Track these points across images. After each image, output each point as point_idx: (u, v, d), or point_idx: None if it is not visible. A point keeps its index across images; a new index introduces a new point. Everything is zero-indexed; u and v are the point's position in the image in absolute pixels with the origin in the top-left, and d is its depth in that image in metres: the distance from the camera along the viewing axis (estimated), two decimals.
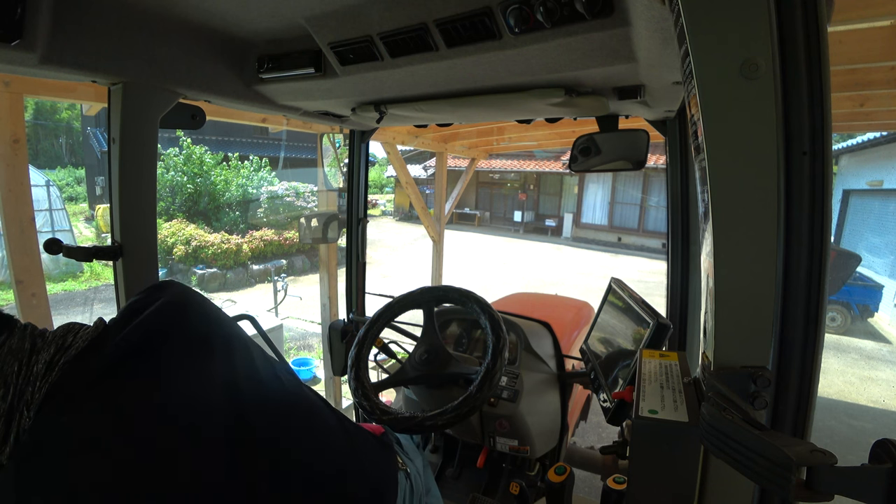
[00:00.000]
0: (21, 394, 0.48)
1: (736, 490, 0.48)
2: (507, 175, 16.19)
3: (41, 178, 8.64)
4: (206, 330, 0.61)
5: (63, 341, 0.53)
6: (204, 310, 0.63)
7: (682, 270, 1.30)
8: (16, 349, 0.51)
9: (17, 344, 0.51)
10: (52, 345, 0.52)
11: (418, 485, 0.94)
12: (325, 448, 0.68)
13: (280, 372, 0.67)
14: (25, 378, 0.49)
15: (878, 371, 5.12)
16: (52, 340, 0.52)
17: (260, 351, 0.67)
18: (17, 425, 0.47)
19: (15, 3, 0.67)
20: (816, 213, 0.42)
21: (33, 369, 0.50)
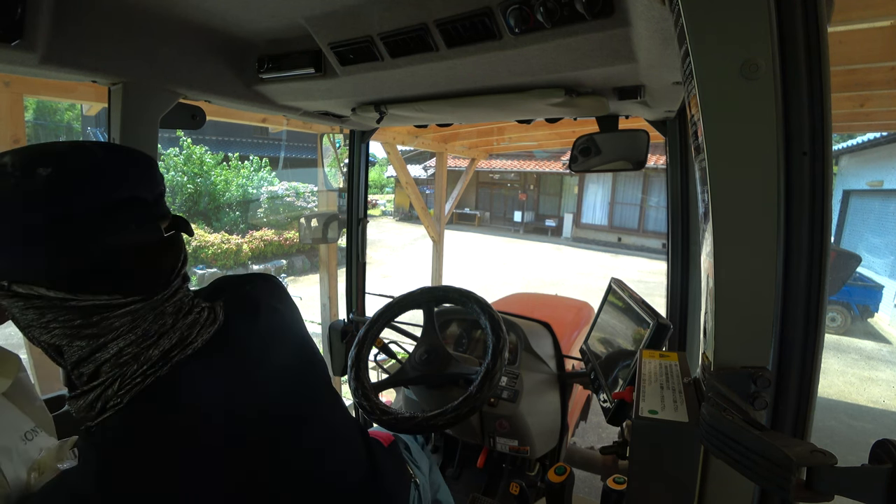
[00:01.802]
0: (123, 370, 0.47)
1: (736, 490, 0.48)
2: (507, 175, 16.19)
3: None
4: (302, 333, 0.68)
5: (188, 334, 0.52)
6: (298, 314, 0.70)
7: (682, 270, 1.30)
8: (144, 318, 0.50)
9: (150, 314, 0.50)
10: (175, 333, 0.51)
11: (426, 494, 0.94)
12: (349, 461, 0.68)
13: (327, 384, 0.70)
14: (136, 357, 0.48)
15: (878, 371, 5.12)
16: (178, 328, 0.52)
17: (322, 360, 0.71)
18: (111, 396, 0.47)
19: (15, 3, 0.67)
20: (816, 213, 0.42)
21: (150, 352, 0.49)
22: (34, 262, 0.44)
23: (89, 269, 0.46)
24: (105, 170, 0.47)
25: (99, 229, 0.45)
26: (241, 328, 0.58)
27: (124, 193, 0.48)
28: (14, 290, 0.45)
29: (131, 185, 0.49)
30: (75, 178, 0.45)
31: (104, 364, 0.48)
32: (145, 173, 0.51)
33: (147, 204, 0.50)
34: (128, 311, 0.48)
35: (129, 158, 0.50)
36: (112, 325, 0.47)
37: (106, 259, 0.46)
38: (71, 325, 0.46)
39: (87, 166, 0.46)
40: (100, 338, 0.47)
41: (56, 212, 0.43)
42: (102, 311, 0.46)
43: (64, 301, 0.45)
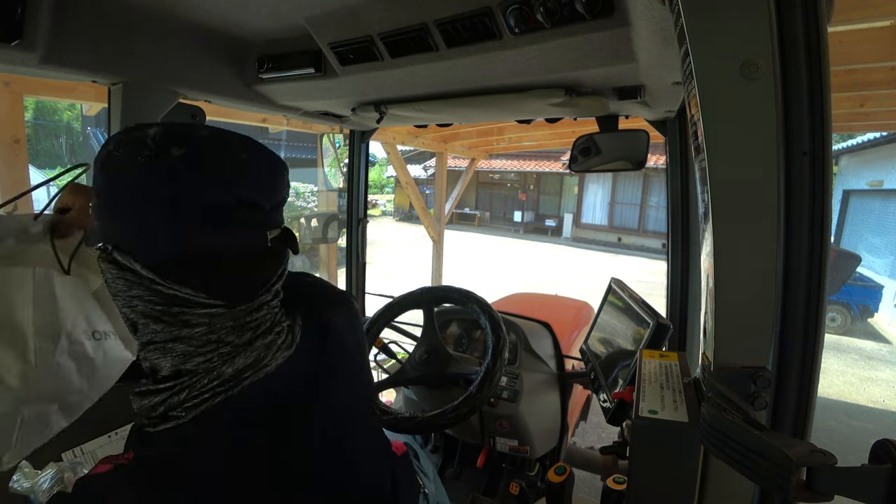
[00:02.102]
0: (193, 381, 0.46)
1: (736, 490, 0.48)
2: (507, 175, 16.19)
3: (41, 178, 8.64)
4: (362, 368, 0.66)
5: (264, 355, 0.49)
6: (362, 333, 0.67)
7: (682, 270, 1.30)
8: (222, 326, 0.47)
9: (229, 322, 0.47)
10: (252, 353, 0.48)
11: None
12: (377, 487, 0.67)
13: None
14: (208, 370, 0.46)
15: (878, 371, 5.12)
16: (256, 347, 0.49)
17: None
18: (175, 405, 0.45)
19: (15, 3, 0.68)
20: (816, 213, 0.42)
21: (223, 368, 0.47)
22: (139, 236, 0.44)
23: (184, 259, 0.45)
24: (234, 166, 0.46)
25: (208, 222, 0.44)
26: (308, 360, 0.55)
27: (244, 194, 0.46)
28: (113, 257, 0.45)
29: (253, 187, 0.47)
30: (204, 166, 0.44)
31: (174, 358, 0.46)
32: (271, 179, 0.49)
33: (262, 210, 0.48)
34: (207, 312, 0.46)
35: (261, 160, 0.49)
36: (189, 321, 0.46)
37: (204, 254, 0.45)
38: (152, 308, 0.45)
39: (218, 158, 0.45)
40: (174, 328, 0.46)
41: (175, 194, 0.43)
42: (183, 305, 0.45)
43: (152, 282, 0.44)
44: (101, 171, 0.45)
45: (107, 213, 0.46)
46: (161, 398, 0.45)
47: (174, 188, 0.43)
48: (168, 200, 0.43)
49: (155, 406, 0.46)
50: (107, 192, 0.45)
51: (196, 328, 0.46)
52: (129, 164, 0.43)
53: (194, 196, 0.44)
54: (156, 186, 0.43)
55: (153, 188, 0.43)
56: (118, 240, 0.45)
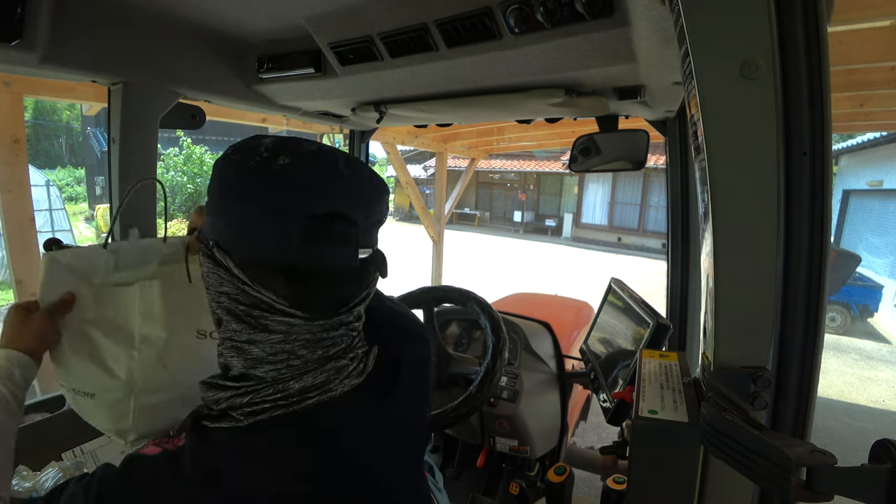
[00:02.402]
0: (258, 387, 0.46)
1: (736, 490, 0.48)
2: (507, 175, 16.19)
3: (41, 178, 8.63)
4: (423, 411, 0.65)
5: (333, 378, 0.49)
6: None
7: (682, 270, 1.30)
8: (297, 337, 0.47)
9: (304, 336, 0.48)
10: (322, 374, 0.48)
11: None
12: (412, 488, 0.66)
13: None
14: (275, 380, 0.47)
15: (878, 371, 5.12)
16: (327, 369, 0.49)
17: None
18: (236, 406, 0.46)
19: (15, 3, 0.68)
20: (816, 213, 0.42)
21: (289, 383, 0.47)
22: (237, 235, 0.46)
23: (274, 264, 0.46)
24: (334, 180, 0.47)
25: (302, 231, 0.45)
26: (374, 398, 0.54)
27: (340, 208, 0.47)
28: (212, 252, 0.47)
29: (351, 203, 0.48)
30: (306, 175, 0.46)
31: (246, 360, 0.47)
32: (370, 198, 0.50)
33: (356, 228, 0.48)
34: (286, 321, 0.46)
35: (362, 178, 0.50)
36: (267, 326, 0.46)
37: (293, 262, 0.46)
38: (236, 307, 0.47)
39: (321, 170, 0.47)
40: (252, 331, 0.47)
41: (275, 199, 0.45)
42: (265, 309, 0.46)
43: (241, 282, 0.46)
44: (216, 172, 0.48)
45: (215, 210, 0.48)
46: (225, 395, 0.47)
47: (275, 193, 0.45)
48: (268, 205, 0.45)
49: (218, 401, 0.47)
50: (218, 192, 0.48)
51: (273, 335, 0.47)
52: (241, 167, 0.46)
53: (292, 203, 0.45)
54: (259, 190, 0.45)
55: (256, 191, 0.45)
56: (220, 237, 0.47)
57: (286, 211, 0.45)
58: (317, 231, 0.45)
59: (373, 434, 0.53)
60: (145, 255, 0.75)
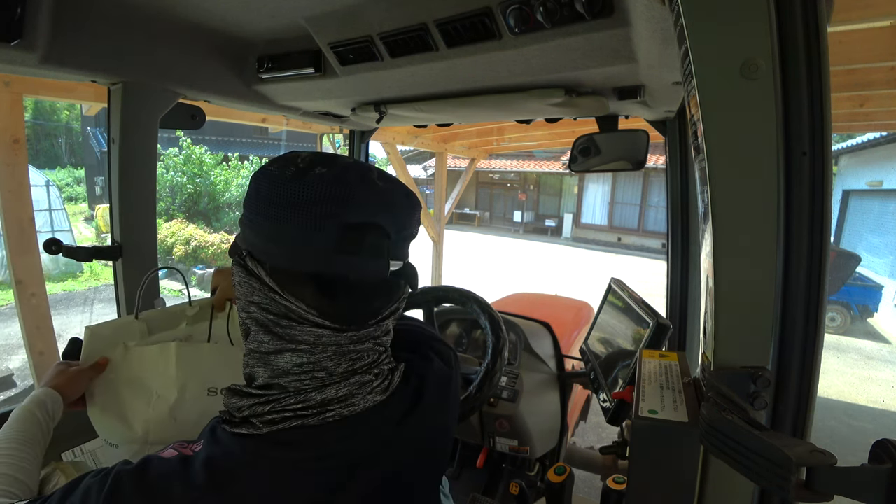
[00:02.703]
0: (280, 397, 0.47)
1: (736, 490, 0.48)
2: (507, 175, 16.19)
3: (41, 178, 8.62)
4: (446, 439, 0.64)
5: (356, 392, 0.49)
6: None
7: (682, 270, 1.30)
8: (324, 349, 0.48)
9: (330, 347, 0.48)
10: (344, 388, 0.48)
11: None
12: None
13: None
14: (298, 391, 0.47)
15: (878, 371, 5.12)
16: (351, 383, 0.49)
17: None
18: (257, 414, 0.46)
19: (15, 3, 0.68)
20: (816, 213, 0.42)
21: (311, 394, 0.47)
22: (270, 245, 0.47)
23: (303, 274, 0.46)
24: (369, 192, 0.48)
25: (334, 241, 0.45)
26: (396, 418, 0.53)
27: (374, 219, 0.47)
28: (245, 262, 0.48)
29: (384, 215, 0.48)
30: (341, 186, 0.46)
31: (272, 370, 0.48)
32: (402, 211, 0.50)
33: (388, 240, 0.49)
34: (313, 331, 0.47)
35: (397, 192, 0.50)
36: (295, 336, 0.47)
37: (323, 272, 0.47)
38: (265, 316, 0.47)
39: (356, 181, 0.47)
40: (280, 341, 0.47)
41: (310, 209, 0.45)
42: (293, 319, 0.47)
43: (271, 291, 0.46)
44: (252, 185, 0.49)
45: (249, 221, 0.49)
46: (248, 402, 0.47)
47: (310, 201, 0.45)
48: (302, 212, 0.45)
49: (241, 408, 0.47)
50: (254, 202, 0.48)
51: (299, 345, 0.47)
52: (278, 178, 0.47)
53: (326, 212, 0.45)
54: (294, 198, 0.45)
55: (291, 199, 0.45)
56: (253, 247, 0.48)
57: (320, 219, 0.45)
58: (350, 240, 0.46)
59: (391, 455, 0.52)
60: (174, 319, 0.84)
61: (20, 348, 4.75)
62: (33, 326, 2.09)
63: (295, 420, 0.46)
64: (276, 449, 0.45)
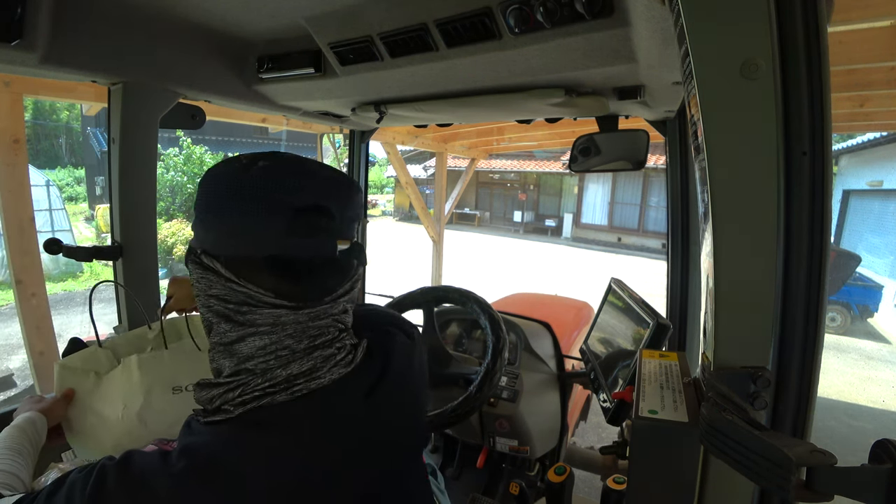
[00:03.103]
0: (248, 380, 0.49)
1: (736, 490, 0.48)
2: (507, 175, 16.19)
3: (41, 178, 8.63)
4: (416, 406, 0.65)
5: (320, 366, 0.51)
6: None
7: (682, 270, 1.30)
8: (283, 328, 0.50)
9: (290, 326, 0.50)
10: (308, 362, 0.51)
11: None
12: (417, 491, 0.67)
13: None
14: (263, 371, 0.49)
15: (878, 371, 5.12)
16: (314, 357, 0.51)
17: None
18: (229, 400, 0.48)
19: (15, 3, 0.68)
20: (816, 213, 0.42)
21: (276, 371, 0.49)
22: (222, 238, 0.50)
23: (257, 259, 0.49)
24: (310, 177, 0.51)
25: (286, 226, 0.48)
26: (362, 392, 0.55)
27: (321, 203, 0.51)
28: (201, 259, 0.50)
29: (327, 197, 0.51)
30: (284, 174, 0.50)
31: (237, 359, 0.50)
32: (343, 193, 0.54)
33: (334, 220, 0.52)
34: (272, 312, 0.49)
35: (337, 176, 0.54)
36: (255, 320, 0.49)
37: (276, 255, 0.49)
38: (226, 307, 0.49)
39: (297, 170, 0.51)
40: (242, 327, 0.49)
41: (256, 198, 0.48)
42: (252, 304, 0.49)
43: (228, 280, 0.49)
44: (201, 188, 0.52)
45: (200, 221, 0.51)
46: (219, 391, 0.49)
47: (257, 190, 0.48)
48: (250, 201, 0.48)
49: (212, 399, 0.49)
50: (205, 202, 0.51)
51: (260, 328, 0.49)
52: (225, 175, 0.50)
53: (272, 198, 0.48)
54: (241, 190, 0.49)
55: (239, 192, 0.49)
56: (207, 244, 0.51)
57: (268, 206, 0.48)
58: (298, 224, 0.49)
59: (362, 425, 0.54)
60: (139, 342, 0.89)
61: (20, 348, 4.75)
62: (33, 326, 2.09)
63: (264, 398, 0.48)
64: (250, 428, 0.47)
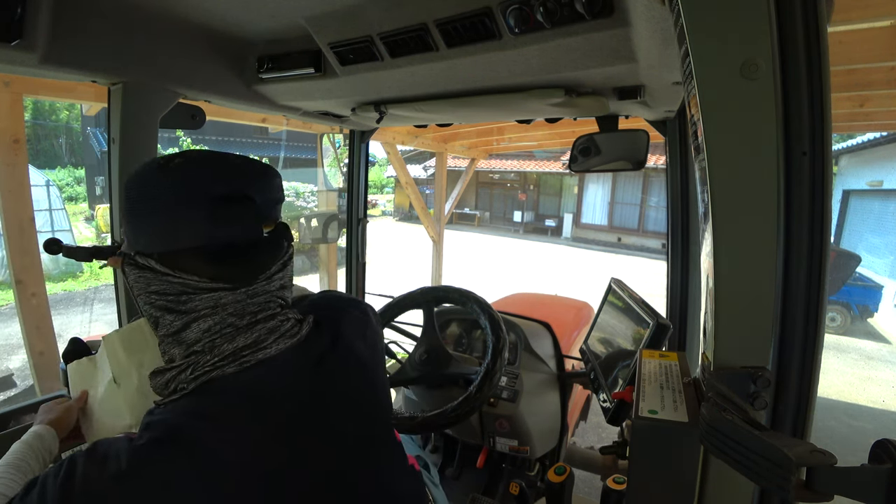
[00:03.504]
0: (197, 359, 0.52)
1: (736, 490, 0.48)
2: (507, 175, 16.19)
3: (41, 178, 8.62)
4: (373, 378, 0.67)
5: (264, 338, 0.54)
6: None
7: (682, 270, 1.30)
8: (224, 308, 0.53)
9: (231, 306, 0.53)
10: (252, 334, 0.54)
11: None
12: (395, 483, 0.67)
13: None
14: (211, 348, 0.52)
15: (878, 371, 5.12)
16: (257, 329, 0.54)
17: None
18: (182, 380, 0.52)
19: (15, 3, 0.68)
20: (816, 213, 0.42)
21: (223, 346, 0.52)
22: (152, 236, 0.53)
23: (188, 250, 0.52)
24: (225, 166, 0.55)
25: (206, 213, 0.51)
26: (312, 363, 0.58)
27: (239, 189, 0.54)
28: (136, 260, 0.53)
29: (245, 184, 0.55)
30: (201, 166, 0.54)
31: (186, 346, 0.53)
32: (260, 178, 0.57)
33: (254, 205, 0.55)
34: (211, 296, 0.52)
35: (251, 163, 0.58)
36: (196, 306, 0.52)
37: (205, 244, 0.52)
38: (166, 299, 0.52)
39: (212, 161, 0.55)
40: (185, 315, 0.52)
41: (177, 192, 0.51)
42: (190, 292, 0.52)
43: (164, 275, 0.52)
44: (125, 192, 0.54)
45: (129, 224, 0.54)
46: (172, 374, 0.52)
47: (176, 185, 0.51)
48: (171, 197, 0.51)
49: (167, 382, 0.52)
50: (131, 206, 0.54)
51: (202, 312, 0.52)
52: (145, 177, 0.53)
53: (192, 190, 0.51)
54: (162, 188, 0.52)
55: (160, 190, 0.52)
56: (139, 245, 0.53)
57: (187, 199, 0.51)
58: (218, 212, 0.52)
59: (313, 393, 0.56)
60: (143, 334, 0.87)
61: (20, 348, 4.75)
62: (33, 326, 2.09)
63: (214, 371, 0.51)
64: (204, 397, 0.51)
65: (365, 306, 0.72)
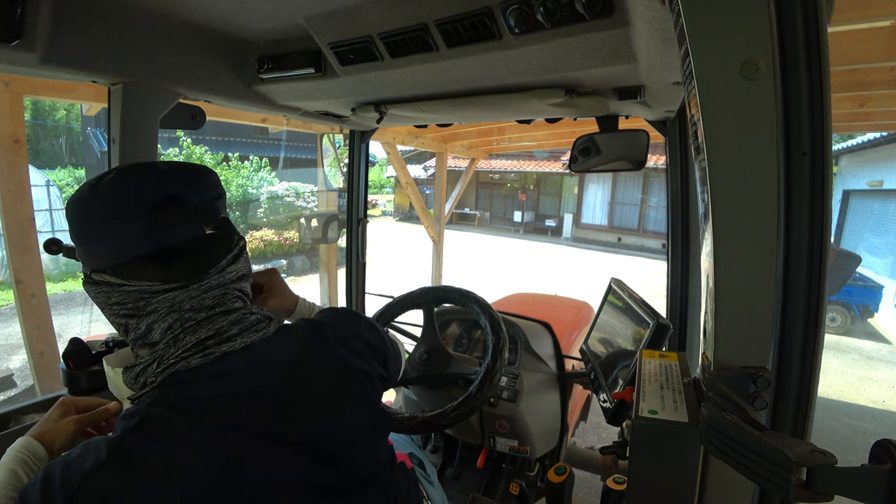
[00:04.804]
0: (163, 353, 0.54)
1: (736, 490, 0.48)
2: (507, 175, 16.18)
3: (41, 178, 8.63)
4: (348, 375, 0.66)
5: (227, 330, 0.57)
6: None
7: (682, 270, 1.30)
8: (181, 306, 0.56)
9: (187, 302, 0.56)
10: (213, 326, 0.56)
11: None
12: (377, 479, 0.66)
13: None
14: (175, 341, 0.55)
15: (878, 371, 5.12)
16: (217, 321, 0.57)
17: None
18: (150, 374, 0.54)
19: (15, 3, 0.68)
20: (816, 213, 0.42)
21: (186, 338, 0.55)
22: (101, 250, 0.55)
23: (136, 259, 0.54)
24: (156, 174, 0.57)
25: (145, 224, 0.54)
26: (287, 357, 0.60)
27: (173, 192, 0.56)
28: (93, 279, 0.56)
29: (179, 187, 0.58)
30: (132, 178, 0.56)
31: (152, 346, 0.55)
32: (194, 178, 0.60)
33: (192, 206, 0.58)
34: (167, 297, 0.55)
35: (182, 167, 0.60)
36: (155, 308, 0.55)
37: (151, 249, 0.54)
38: (126, 307, 0.55)
39: (144, 169, 0.57)
40: (146, 317, 0.55)
41: (113, 205, 0.54)
42: (147, 297, 0.55)
43: (120, 286, 0.54)
44: (67, 221, 0.57)
45: (80, 246, 0.57)
46: (140, 368, 0.55)
47: (111, 199, 0.54)
48: (109, 211, 0.54)
49: (136, 377, 0.55)
50: (74, 231, 0.57)
51: (160, 312, 0.55)
52: (79, 201, 0.56)
53: (127, 201, 0.54)
54: (99, 205, 0.55)
55: (98, 208, 0.55)
56: (92, 264, 0.56)
57: (124, 212, 0.54)
58: (155, 217, 0.54)
59: (283, 398, 0.56)
60: None
61: (20, 348, 4.75)
62: (33, 326, 2.10)
63: (179, 363, 0.54)
64: (172, 387, 0.53)
65: (362, 318, 0.74)
